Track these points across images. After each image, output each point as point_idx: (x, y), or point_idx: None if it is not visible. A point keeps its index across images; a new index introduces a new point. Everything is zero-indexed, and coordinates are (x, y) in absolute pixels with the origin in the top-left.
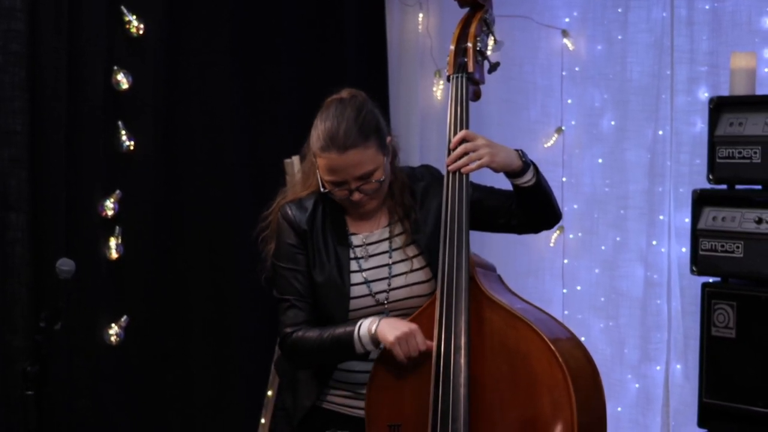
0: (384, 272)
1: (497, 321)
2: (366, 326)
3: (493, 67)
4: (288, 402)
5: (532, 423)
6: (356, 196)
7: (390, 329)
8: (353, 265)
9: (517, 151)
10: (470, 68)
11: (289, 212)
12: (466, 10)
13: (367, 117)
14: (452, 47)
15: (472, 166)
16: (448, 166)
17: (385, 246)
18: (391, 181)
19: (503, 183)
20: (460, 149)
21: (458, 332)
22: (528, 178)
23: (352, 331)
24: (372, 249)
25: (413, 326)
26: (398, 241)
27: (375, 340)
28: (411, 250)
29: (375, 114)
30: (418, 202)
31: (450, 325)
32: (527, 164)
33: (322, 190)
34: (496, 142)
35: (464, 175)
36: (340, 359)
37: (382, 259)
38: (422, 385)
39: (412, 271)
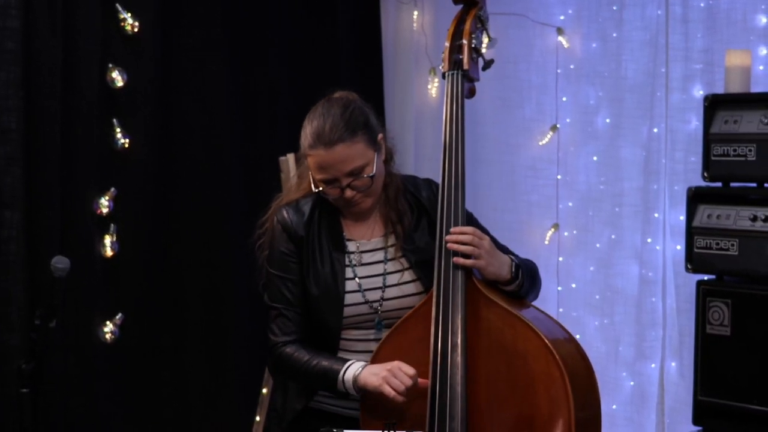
0: (378, 281)
1: (494, 319)
2: (352, 370)
3: (488, 64)
4: (279, 403)
5: (530, 421)
6: (348, 193)
7: (371, 374)
8: (348, 272)
9: (511, 261)
10: (466, 65)
11: (286, 216)
12: (460, 7)
13: (354, 112)
14: (447, 44)
15: (466, 261)
16: (448, 238)
17: (380, 255)
18: (386, 183)
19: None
20: (468, 237)
21: (455, 330)
22: (511, 288)
23: (338, 370)
24: (366, 257)
25: (394, 363)
26: (392, 252)
27: (357, 386)
28: (405, 262)
29: (363, 110)
30: (414, 213)
31: (447, 322)
32: (514, 278)
33: (314, 189)
34: (496, 251)
35: (460, 181)
36: (321, 389)
37: (377, 268)
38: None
39: (406, 282)
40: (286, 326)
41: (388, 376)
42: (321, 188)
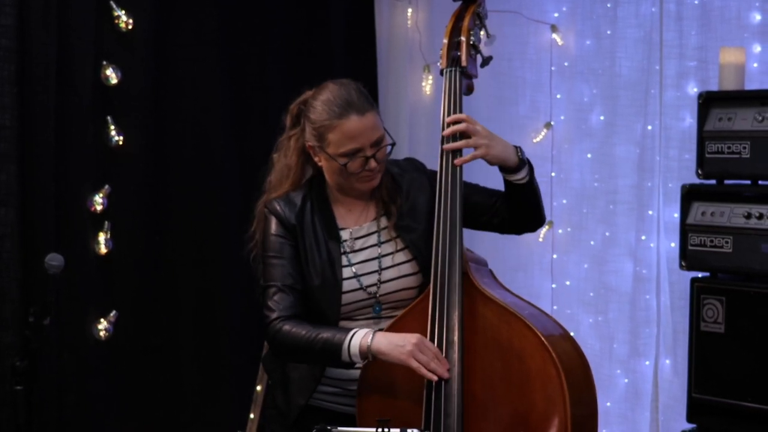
0: (374, 265)
1: (490, 316)
2: (359, 338)
3: (486, 61)
4: (280, 401)
5: (525, 418)
6: (372, 163)
7: (392, 346)
8: (344, 260)
9: (516, 147)
10: (464, 62)
11: (278, 207)
12: (458, 4)
13: (365, 89)
14: (445, 41)
15: (467, 157)
16: (443, 144)
17: (373, 239)
18: None
19: (492, 178)
20: (460, 126)
21: (451, 327)
22: (522, 176)
23: (342, 339)
24: (360, 243)
25: (416, 335)
26: (386, 234)
27: (366, 353)
28: (400, 243)
29: None
30: (403, 192)
31: (443, 320)
32: (523, 162)
33: (339, 164)
34: (495, 134)
35: (458, 169)
36: (324, 363)
37: (371, 252)
38: (414, 380)
39: (401, 263)
40: (284, 300)
41: (414, 351)
42: (345, 162)
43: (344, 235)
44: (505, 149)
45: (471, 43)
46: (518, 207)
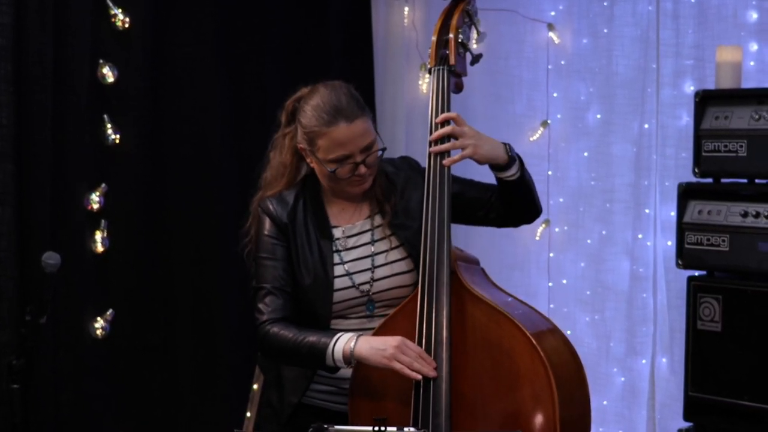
0: (367, 263)
1: (479, 315)
2: (342, 343)
3: (476, 58)
4: (274, 399)
5: (514, 417)
6: (362, 169)
7: (373, 351)
8: (335, 258)
9: (504, 144)
10: (452, 60)
11: (270, 206)
12: (447, 1)
13: (356, 93)
14: (434, 39)
15: (455, 157)
16: (430, 147)
17: (367, 237)
18: None
19: (486, 175)
20: (446, 129)
21: (439, 326)
22: (512, 173)
23: (327, 344)
24: (352, 241)
25: (397, 337)
26: (380, 232)
27: (349, 358)
28: (394, 240)
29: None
30: (398, 191)
31: (431, 319)
32: (513, 158)
33: (328, 170)
34: (482, 134)
35: (446, 168)
36: (311, 367)
37: (364, 250)
38: (404, 379)
39: (395, 261)
40: (274, 303)
41: (396, 354)
42: (334, 168)
43: (336, 233)
44: (493, 148)
45: (459, 41)
46: (512, 202)
